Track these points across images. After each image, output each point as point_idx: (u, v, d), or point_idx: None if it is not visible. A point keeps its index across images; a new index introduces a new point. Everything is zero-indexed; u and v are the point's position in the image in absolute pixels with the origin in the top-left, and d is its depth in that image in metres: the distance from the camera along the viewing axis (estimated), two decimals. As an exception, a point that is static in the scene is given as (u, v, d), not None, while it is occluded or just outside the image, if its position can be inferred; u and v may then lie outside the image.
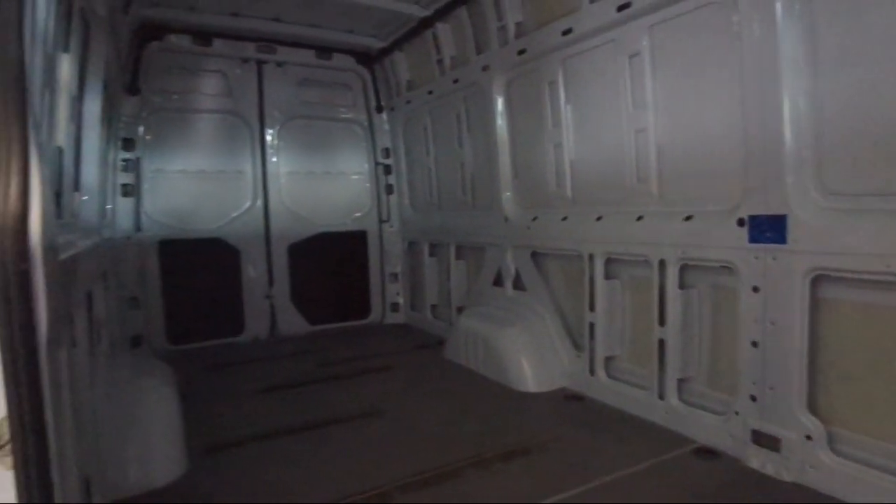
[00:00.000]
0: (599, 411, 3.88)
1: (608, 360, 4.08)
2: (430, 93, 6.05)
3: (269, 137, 6.54)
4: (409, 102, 6.58)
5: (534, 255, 4.78)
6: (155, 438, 3.23)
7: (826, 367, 2.76)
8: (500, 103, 4.99)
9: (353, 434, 3.70)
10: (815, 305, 2.75)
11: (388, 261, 7.25)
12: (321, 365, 5.37)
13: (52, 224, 1.31)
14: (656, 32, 3.45)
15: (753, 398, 2.99)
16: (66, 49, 2.70)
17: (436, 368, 5.13)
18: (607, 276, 4.02)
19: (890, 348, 2.52)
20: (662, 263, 3.51)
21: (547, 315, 4.64)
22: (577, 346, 4.39)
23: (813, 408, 2.77)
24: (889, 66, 2.44)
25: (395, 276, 7.29)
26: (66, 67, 2.69)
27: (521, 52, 4.55)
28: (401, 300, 7.28)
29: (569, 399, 4.14)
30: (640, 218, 3.69)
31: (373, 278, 7.25)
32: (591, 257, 4.07)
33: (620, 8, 3.57)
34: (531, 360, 4.46)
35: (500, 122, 5.02)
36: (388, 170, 7.21)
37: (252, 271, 6.45)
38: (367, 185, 7.21)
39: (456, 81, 5.51)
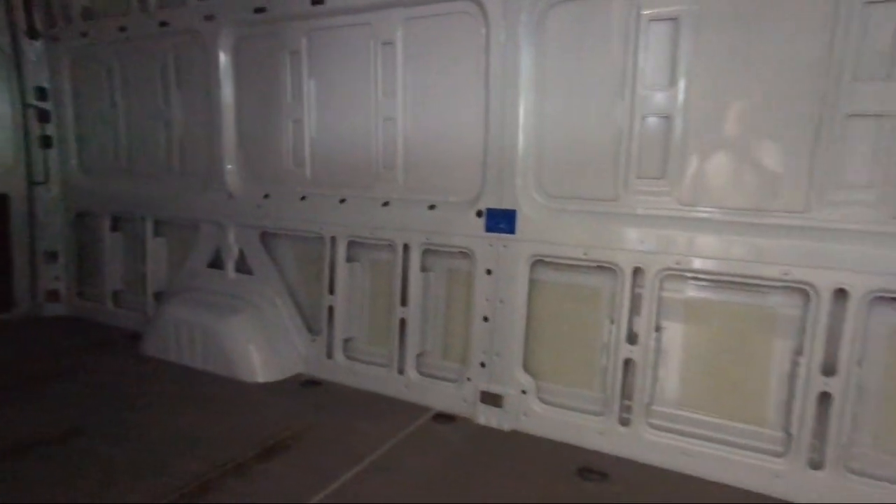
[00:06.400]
0: (341, 393, 3.89)
1: (346, 341, 4.12)
2: (123, 30, 4.87)
3: None
4: (84, 35, 5.15)
5: (263, 235, 4.43)
6: None
7: (537, 334, 3.44)
8: (225, 62, 4.39)
9: (51, 464, 2.79)
10: (532, 285, 3.38)
11: (42, 235, 5.59)
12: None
13: None
14: (411, 26, 3.60)
15: (483, 365, 3.50)
16: None
17: (138, 367, 4.26)
18: (348, 260, 4.04)
19: (580, 317, 3.31)
20: (406, 248, 3.73)
21: (278, 300, 4.37)
22: (311, 330, 4.28)
23: (527, 368, 3.42)
24: (579, 102, 3.16)
25: (53, 255, 5.67)
26: None
27: (259, 10, 4.09)
28: (62, 287, 5.72)
29: (306, 385, 4.02)
30: (386, 203, 3.83)
31: (17, 258, 5.48)
32: (332, 240, 4.02)
33: (377, -8, 3.59)
34: (261, 348, 4.15)
35: (226, 83, 4.42)
36: (44, 116, 5.50)
37: None
38: (10, 133, 5.37)
39: (165, 25, 4.59)
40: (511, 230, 3.34)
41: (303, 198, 4.19)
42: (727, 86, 2.83)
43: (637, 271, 3.05)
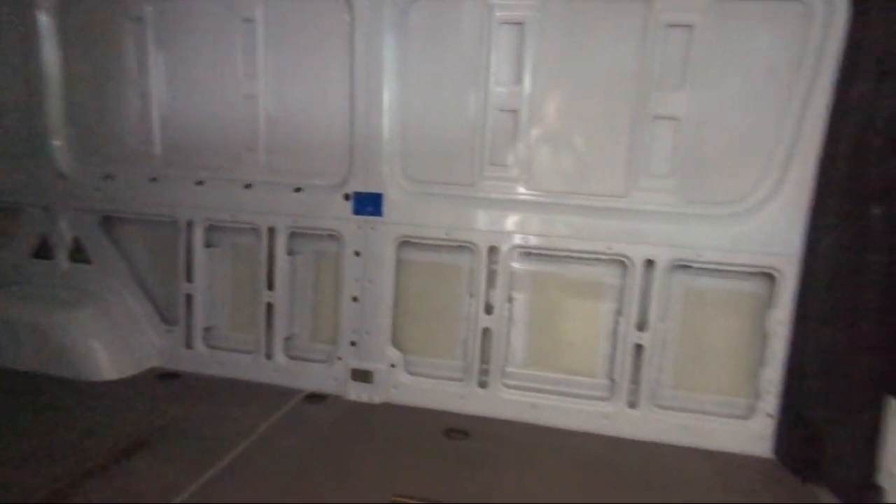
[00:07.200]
0: (204, 384, 3.75)
1: (207, 330, 3.95)
2: None
3: None
4: None
5: (105, 220, 4.03)
6: None
7: (404, 311, 3.65)
8: (48, 24, 3.87)
9: None
10: (399, 265, 3.57)
11: None
12: None
13: None
14: (274, 4, 3.52)
15: (353, 343, 3.62)
16: None
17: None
18: (207, 245, 3.87)
19: (443, 293, 3.59)
20: (272, 231, 3.69)
21: (124, 290, 4.03)
22: (167, 320, 4.03)
23: (396, 343, 3.62)
24: (439, 94, 3.39)
25: None
26: None
27: (89, -31, 3.68)
28: None
29: (163, 378, 3.80)
30: (248, 186, 3.73)
31: None
32: (189, 224, 3.81)
33: (233, -35, 3.45)
34: (106, 342, 3.82)
35: (49, 49, 3.90)
36: None
37: None
38: None
39: (-39, -30, 3.90)
40: (378, 213, 3.49)
41: (153, 179, 3.90)
42: (563, 86, 3.27)
43: (492, 249, 3.40)
